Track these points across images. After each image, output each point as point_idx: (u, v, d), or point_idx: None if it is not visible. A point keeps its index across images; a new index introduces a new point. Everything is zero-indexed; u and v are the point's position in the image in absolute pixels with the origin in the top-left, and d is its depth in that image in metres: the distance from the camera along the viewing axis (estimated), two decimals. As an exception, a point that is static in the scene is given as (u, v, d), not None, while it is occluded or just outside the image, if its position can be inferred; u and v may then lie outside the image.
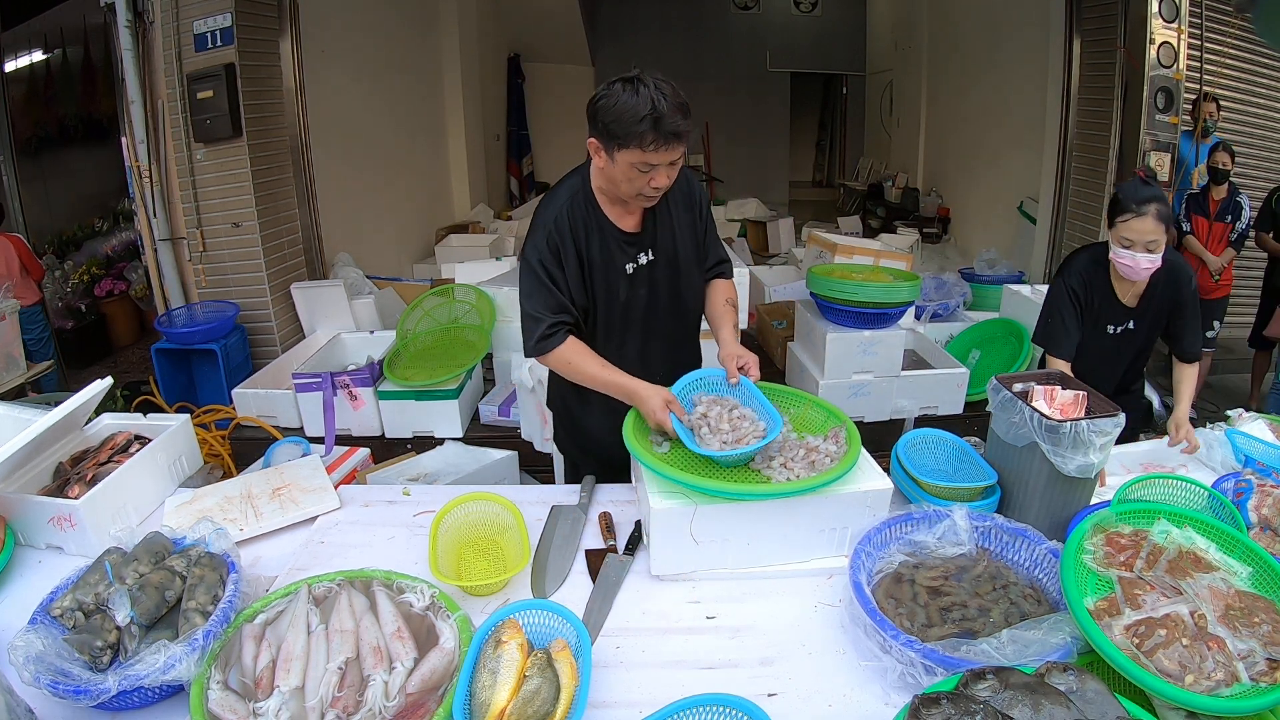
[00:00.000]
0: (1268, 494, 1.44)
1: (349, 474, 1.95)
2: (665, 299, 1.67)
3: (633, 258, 1.60)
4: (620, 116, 1.38)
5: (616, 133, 1.39)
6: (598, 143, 1.46)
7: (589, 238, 1.56)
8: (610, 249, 1.58)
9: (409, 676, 1.08)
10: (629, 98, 1.37)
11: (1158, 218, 1.77)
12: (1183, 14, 4.15)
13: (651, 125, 1.36)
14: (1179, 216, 4.20)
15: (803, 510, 1.35)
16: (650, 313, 1.66)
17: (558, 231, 1.54)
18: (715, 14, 9.56)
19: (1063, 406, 1.44)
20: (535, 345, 1.56)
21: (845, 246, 4.31)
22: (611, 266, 1.59)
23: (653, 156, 1.40)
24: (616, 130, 1.39)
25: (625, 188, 1.47)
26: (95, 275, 5.43)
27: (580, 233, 1.55)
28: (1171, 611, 1.04)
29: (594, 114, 1.43)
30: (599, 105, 1.42)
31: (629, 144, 1.39)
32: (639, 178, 1.44)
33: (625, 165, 1.43)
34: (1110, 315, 1.98)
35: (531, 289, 1.56)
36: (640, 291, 1.63)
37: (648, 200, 1.52)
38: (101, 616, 1.14)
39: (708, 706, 0.98)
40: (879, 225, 8.19)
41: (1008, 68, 6.04)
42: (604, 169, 1.49)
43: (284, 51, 4.20)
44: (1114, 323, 1.98)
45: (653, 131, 1.37)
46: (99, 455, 1.62)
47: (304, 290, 4.20)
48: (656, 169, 1.43)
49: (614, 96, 1.39)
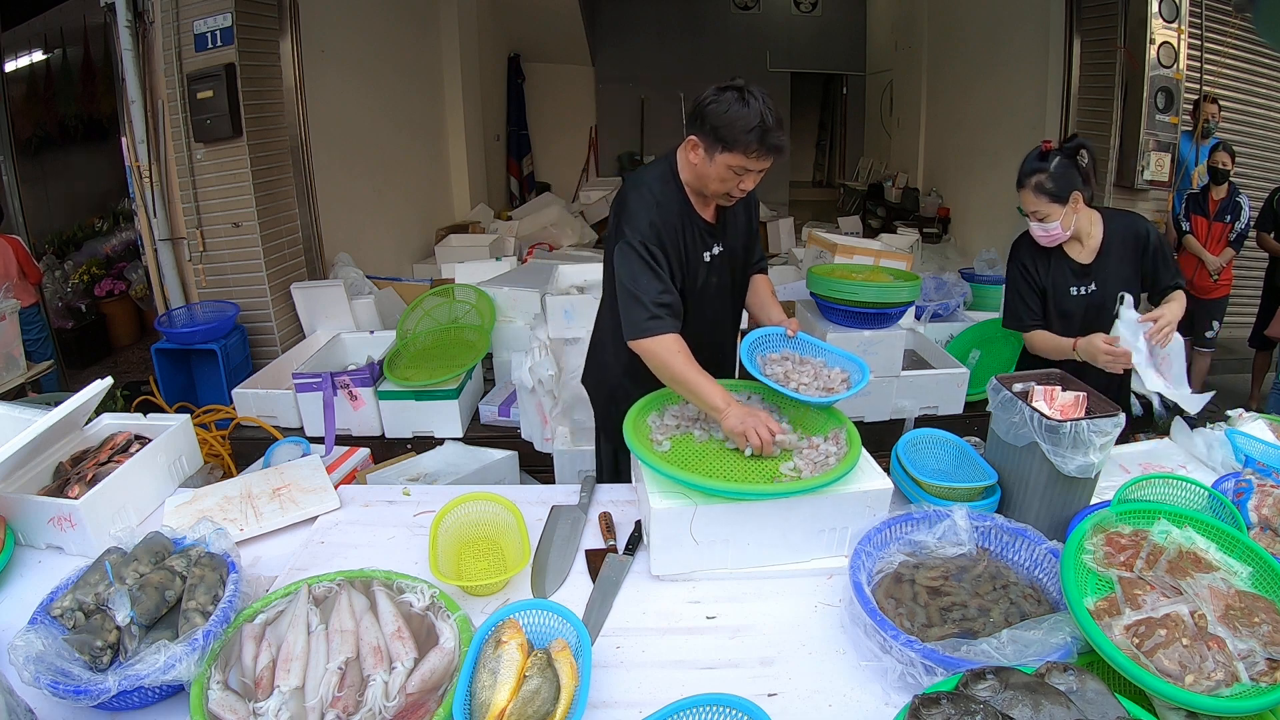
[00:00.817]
0: (1268, 494, 1.44)
1: (349, 474, 1.95)
2: (728, 289, 1.81)
3: (709, 247, 1.71)
4: (731, 123, 1.48)
5: (724, 136, 1.49)
6: (699, 140, 1.54)
7: (681, 224, 1.64)
8: (695, 237, 1.67)
9: (409, 676, 1.08)
10: (740, 107, 1.48)
11: (1035, 190, 1.90)
12: (1183, 14, 4.15)
13: (759, 137, 1.48)
14: (1179, 216, 4.21)
15: (803, 510, 1.35)
16: (717, 301, 1.78)
17: (660, 215, 1.61)
18: (715, 14, 9.55)
19: (1063, 407, 1.45)
20: (641, 327, 1.57)
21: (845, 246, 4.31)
22: (694, 254, 1.69)
23: (752, 164, 1.52)
24: (725, 134, 1.49)
25: (715, 186, 1.58)
26: (95, 275, 5.42)
27: (674, 219, 1.63)
28: (1171, 611, 1.04)
29: (701, 115, 1.53)
30: (708, 108, 1.51)
31: (734, 149, 1.50)
32: (731, 179, 1.55)
33: (723, 167, 1.53)
34: (1067, 278, 2.03)
35: (636, 271, 1.59)
36: (713, 280, 1.74)
37: (730, 200, 1.63)
38: (101, 616, 1.14)
39: (708, 706, 0.98)
40: (879, 225, 8.19)
41: (1008, 68, 6.03)
42: (697, 165, 1.58)
43: (284, 51, 4.20)
44: (1074, 284, 2.03)
45: (759, 143, 1.49)
46: (99, 455, 1.62)
47: (304, 290, 4.20)
48: (748, 175, 1.54)
49: (725, 103, 1.49)
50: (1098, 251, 2.01)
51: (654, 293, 1.57)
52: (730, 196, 1.60)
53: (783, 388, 1.53)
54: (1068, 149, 1.89)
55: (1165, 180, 4.30)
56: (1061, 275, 2.03)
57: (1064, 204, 1.90)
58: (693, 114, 1.55)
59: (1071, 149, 1.89)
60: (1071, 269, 2.02)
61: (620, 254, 1.62)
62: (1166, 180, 4.30)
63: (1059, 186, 1.88)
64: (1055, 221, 1.92)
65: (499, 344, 3.76)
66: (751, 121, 1.47)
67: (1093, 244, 2.02)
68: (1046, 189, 1.89)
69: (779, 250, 7.29)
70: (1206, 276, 4.07)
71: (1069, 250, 2.02)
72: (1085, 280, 2.02)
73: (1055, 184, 1.88)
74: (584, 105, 9.56)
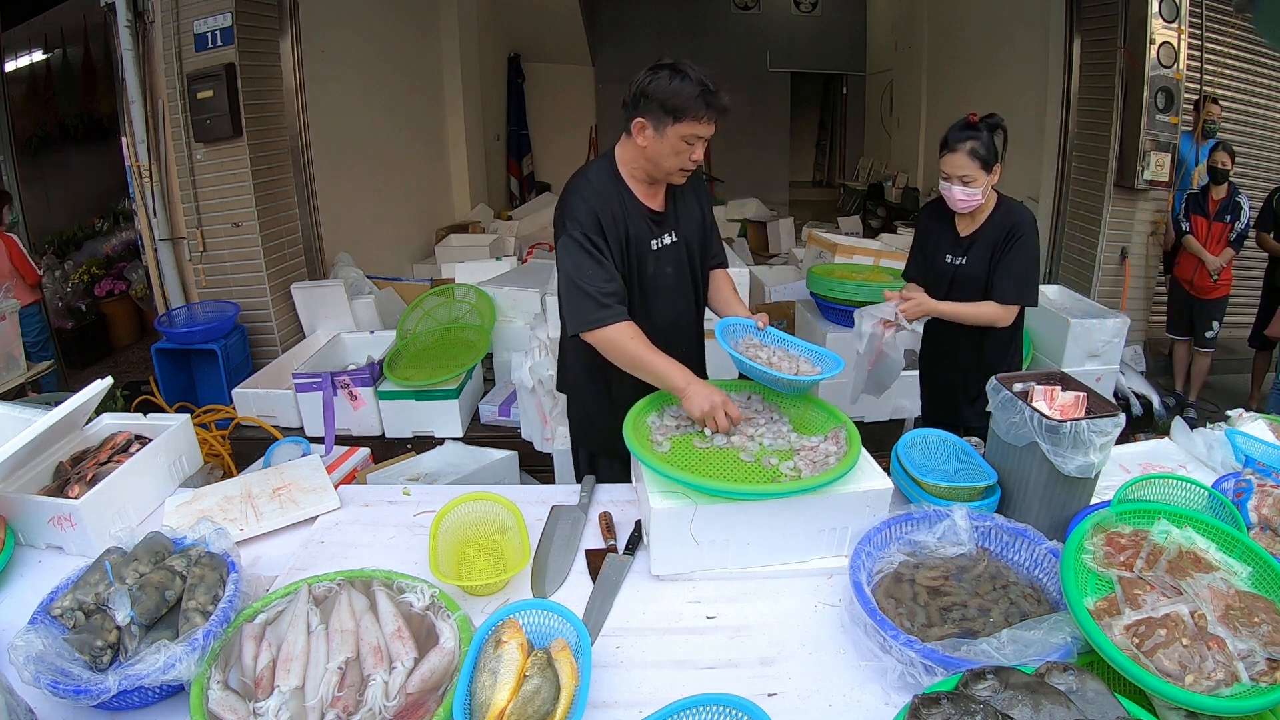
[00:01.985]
0: (1268, 494, 1.44)
1: (349, 474, 1.95)
2: (685, 284, 1.80)
3: (658, 236, 1.72)
4: (676, 93, 1.53)
5: (673, 107, 1.54)
6: (646, 121, 1.58)
7: (624, 213, 1.66)
8: (640, 226, 1.68)
9: (409, 676, 1.07)
10: (679, 80, 1.53)
11: (969, 154, 1.97)
12: (1183, 14, 4.15)
13: (706, 100, 1.54)
14: (1179, 216, 4.21)
15: (803, 510, 1.35)
16: (672, 292, 1.77)
17: (601, 207, 1.62)
18: (715, 14, 9.55)
19: (1063, 407, 1.45)
20: (589, 319, 1.58)
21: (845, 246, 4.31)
22: (641, 243, 1.69)
23: (701, 129, 1.57)
24: (673, 105, 1.54)
25: (669, 162, 1.61)
26: (95, 275, 5.42)
27: (616, 208, 1.64)
28: (1171, 611, 1.04)
29: (645, 94, 1.56)
30: (651, 86, 1.55)
31: (684, 117, 1.54)
32: (685, 150, 1.59)
33: (675, 139, 1.57)
34: (946, 245, 2.16)
35: (579, 264, 1.59)
36: (666, 269, 1.74)
37: (683, 175, 1.66)
38: (101, 616, 1.14)
39: (708, 706, 0.98)
40: (879, 225, 8.19)
41: (1008, 68, 6.04)
42: (647, 147, 1.60)
43: (284, 51, 4.20)
44: (950, 253, 2.15)
45: (706, 106, 1.54)
46: (99, 455, 1.61)
47: (304, 290, 4.20)
48: (698, 142, 1.59)
49: (664, 79, 1.54)
50: (977, 230, 2.10)
51: (599, 282, 1.58)
52: (684, 171, 1.64)
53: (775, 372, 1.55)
54: (989, 124, 1.99)
55: (1165, 180, 4.30)
56: (942, 241, 2.16)
57: (989, 173, 1.99)
58: (634, 98, 1.58)
59: (992, 125, 1.99)
60: (952, 238, 2.14)
61: (562, 247, 1.62)
62: (1166, 180, 4.30)
63: (989, 154, 1.98)
64: (979, 188, 2.00)
65: (499, 344, 3.76)
66: (695, 89, 1.52)
67: (978, 222, 2.11)
68: (980, 154, 1.97)
69: (779, 250, 7.28)
70: (1206, 276, 4.07)
71: (958, 221, 2.13)
72: (958, 252, 2.13)
73: (986, 151, 1.97)
74: (584, 105, 9.56)
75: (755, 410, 1.61)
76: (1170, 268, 4.41)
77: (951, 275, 2.15)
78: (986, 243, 2.08)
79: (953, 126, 2.02)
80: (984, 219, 2.09)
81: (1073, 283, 4.42)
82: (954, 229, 2.15)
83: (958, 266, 2.14)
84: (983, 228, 2.09)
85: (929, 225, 2.22)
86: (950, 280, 2.15)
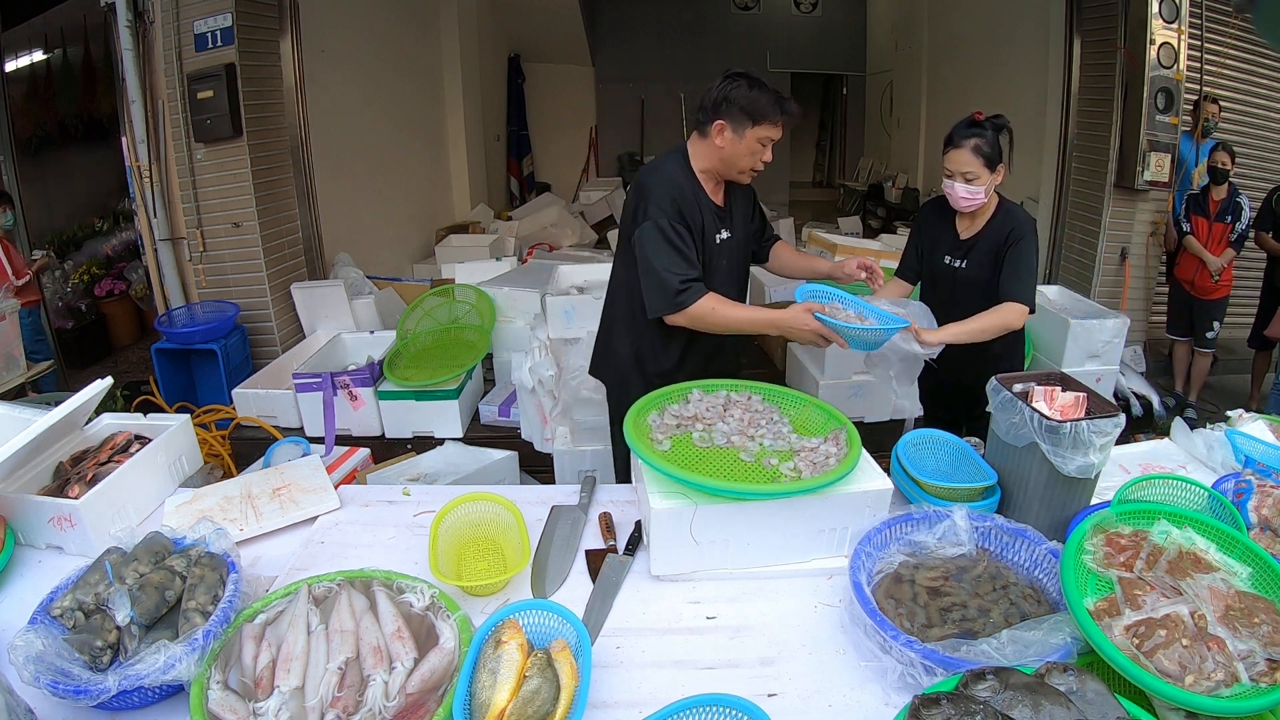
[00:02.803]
0: (1268, 494, 1.44)
1: (349, 474, 1.95)
2: (735, 272, 1.95)
3: (719, 230, 1.86)
4: (755, 100, 1.70)
5: (753, 112, 1.70)
6: (726, 123, 1.73)
7: (698, 205, 1.79)
8: (710, 219, 1.82)
9: (409, 676, 1.07)
10: (758, 89, 1.71)
11: (974, 152, 1.96)
12: (1183, 14, 4.15)
13: (781, 108, 1.73)
14: (1179, 216, 4.21)
15: (803, 510, 1.35)
16: (725, 282, 1.89)
17: (680, 195, 1.76)
18: (715, 14, 9.56)
19: (1063, 407, 1.45)
20: (674, 300, 1.72)
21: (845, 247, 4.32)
22: (710, 235, 1.84)
23: (775, 132, 1.75)
24: (753, 110, 1.70)
25: (744, 162, 1.77)
26: (95, 275, 5.42)
27: (692, 200, 1.78)
28: (1171, 612, 1.04)
29: (727, 99, 1.72)
30: (733, 94, 1.71)
31: (763, 121, 1.71)
32: (760, 152, 1.76)
33: (753, 141, 1.73)
34: (945, 246, 2.14)
35: (659, 248, 1.72)
36: (722, 262, 1.89)
37: (751, 175, 1.82)
38: (101, 616, 1.14)
39: (708, 706, 0.98)
40: (879, 225, 8.19)
41: (1008, 68, 6.04)
42: (724, 148, 1.75)
43: (284, 51, 4.20)
44: (949, 254, 2.13)
45: (783, 112, 1.73)
46: (99, 455, 1.61)
47: (304, 290, 4.20)
48: (770, 145, 1.76)
49: (743, 86, 1.71)
50: (978, 232, 2.08)
51: (682, 266, 1.72)
52: (754, 171, 1.80)
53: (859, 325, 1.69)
54: (996, 124, 1.97)
55: (1165, 180, 4.30)
56: (942, 242, 2.14)
57: (992, 171, 1.97)
58: (715, 102, 1.73)
59: (999, 125, 1.97)
60: (951, 239, 2.12)
61: (644, 233, 1.73)
62: (1166, 180, 4.30)
63: (994, 153, 1.96)
64: (981, 186, 1.98)
65: (499, 344, 3.76)
66: (771, 97, 1.71)
67: (979, 224, 2.08)
68: (984, 152, 1.96)
69: (779, 250, 7.28)
70: (1207, 277, 4.07)
71: (959, 222, 2.11)
72: (958, 254, 2.11)
73: (990, 149, 1.96)
74: (584, 105, 9.56)
75: (756, 410, 1.61)
76: (1171, 268, 4.41)
77: (951, 278, 2.12)
78: (988, 246, 2.05)
79: (958, 123, 2.01)
80: (985, 221, 2.07)
81: (1073, 283, 4.42)
82: (954, 230, 2.12)
83: (956, 269, 2.11)
84: (984, 230, 2.07)
85: (928, 224, 2.20)
86: (951, 283, 2.12)
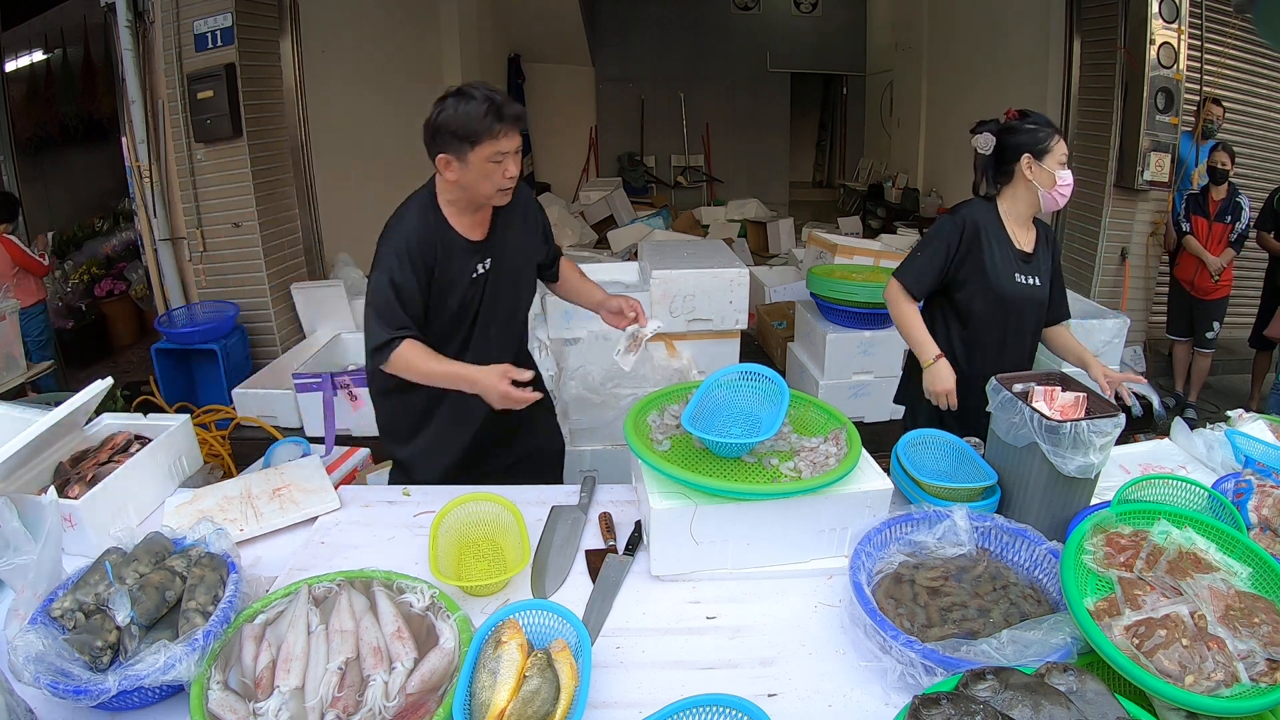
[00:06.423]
0: (1268, 494, 1.44)
1: (349, 474, 1.95)
2: (507, 303, 1.80)
3: (473, 267, 1.71)
4: (465, 119, 1.52)
5: (466, 133, 1.52)
6: (448, 155, 1.57)
7: (439, 247, 1.65)
8: (456, 257, 1.68)
9: (409, 677, 1.07)
10: (464, 104, 1.52)
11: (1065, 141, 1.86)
12: (1183, 14, 4.15)
13: (496, 116, 1.52)
14: (1179, 216, 4.21)
15: (803, 510, 1.35)
16: (485, 316, 1.77)
17: (407, 245, 1.62)
18: (715, 14, 9.56)
19: (1063, 407, 1.45)
20: (374, 355, 1.62)
21: (845, 247, 4.32)
22: (456, 274, 1.69)
23: (503, 144, 1.55)
24: (466, 131, 1.52)
25: (485, 186, 1.59)
26: (95, 275, 5.41)
27: (430, 243, 1.64)
28: (1171, 612, 1.04)
29: (438, 129, 1.56)
30: (441, 120, 1.55)
31: (480, 139, 1.53)
32: (495, 170, 1.57)
33: (480, 162, 1.55)
34: (1012, 264, 1.91)
35: (378, 302, 1.62)
36: (484, 295, 1.75)
37: (505, 196, 1.64)
38: (101, 616, 1.14)
39: (708, 706, 0.98)
40: (879, 226, 8.19)
41: (1007, 68, 6.04)
42: (458, 180, 1.60)
43: (284, 51, 4.21)
44: (1019, 272, 1.91)
45: (498, 121, 1.52)
46: (99, 455, 1.61)
47: (304, 290, 4.20)
48: (506, 157, 1.57)
49: (450, 108, 1.54)
50: (1035, 242, 1.95)
51: (390, 323, 1.60)
52: (503, 192, 1.62)
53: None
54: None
55: (1165, 181, 4.30)
56: (1007, 259, 1.89)
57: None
58: (430, 138, 1.58)
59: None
60: (1010, 253, 1.91)
61: (371, 284, 1.65)
62: (1166, 180, 4.31)
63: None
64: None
65: (499, 344, 3.75)
66: (481, 107, 1.51)
67: (1031, 234, 1.95)
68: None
69: (779, 250, 7.29)
70: (1207, 277, 4.07)
71: (1017, 233, 1.92)
72: (1029, 270, 1.92)
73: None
74: (584, 105, 9.56)
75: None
76: (1171, 268, 4.41)
77: (1026, 297, 1.89)
78: (1044, 255, 1.93)
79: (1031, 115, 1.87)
80: (1035, 230, 1.92)
81: (1073, 283, 4.42)
82: (1012, 242, 1.89)
83: (1031, 286, 1.88)
84: (1038, 240, 1.93)
85: (974, 240, 1.87)
86: (1022, 306, 1.90)
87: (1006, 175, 1.90)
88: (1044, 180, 1.84)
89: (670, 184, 9.72)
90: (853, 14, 9.95)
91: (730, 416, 1.55)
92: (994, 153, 1.91)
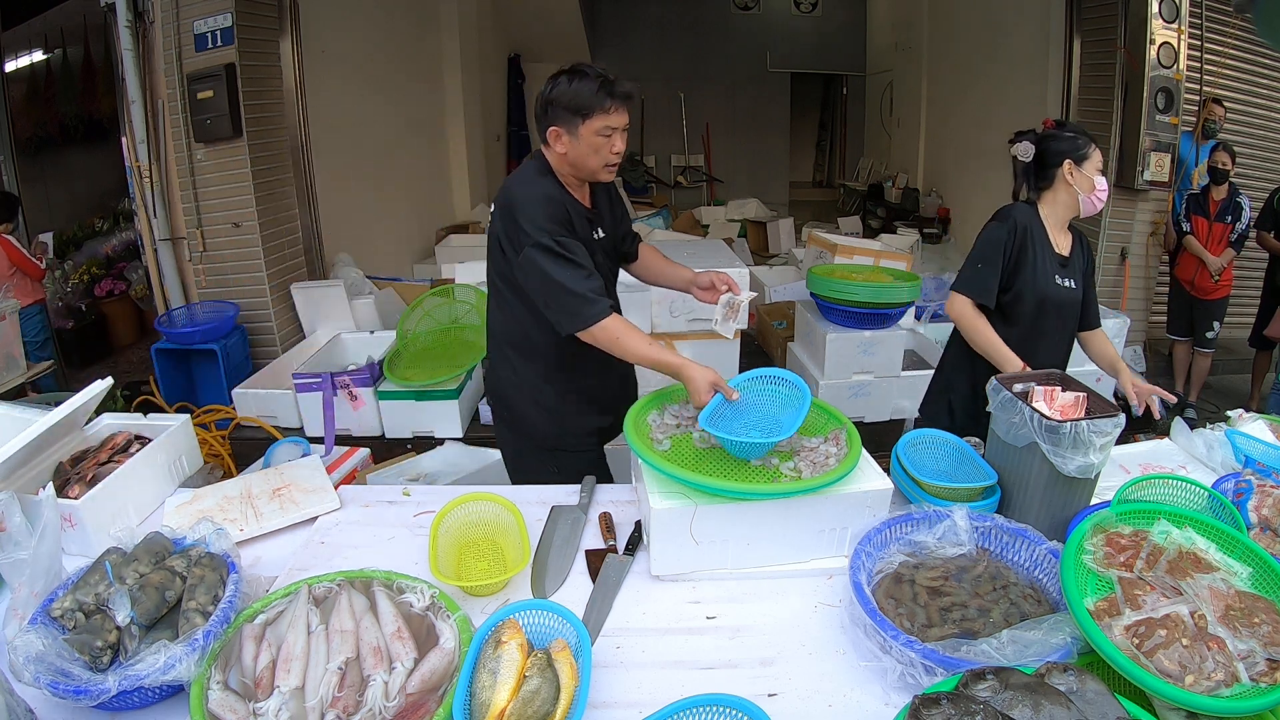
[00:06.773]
0: (1268, 494, 1.44)
1: (349, 474, 1.95)
2: (610, 275, 1.84)
3: (593, 231, 1.76)
4: (578, 93, 1.57)
5: (579, 106, 1.57)
6: (560, 128, 1.61)
7: (569, 209, 1.68)
8: (582, 222, 1.72)
9: (409, 677, 1.07)
10: (577, 81, 1.57)
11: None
12: (1183, 14, 4.15)
13: (608, 92, 1.57)
14: (1179, 216, 4.21)
15: (803, 510, 1.35)
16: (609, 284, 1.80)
17: (554, 207, 1.63)
18: (715, 14, 9.57)
19: (1063, 407, 1.45)
20: (583, 315, 1.59)
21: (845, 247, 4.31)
22: (586, 238, 1.72)
23: (613, 119, 1.59)
24: (578, 105, 1.57)
25: (594, 160, 1.63)
26: (95, 275, 5.41)
27: (565, 206, 1.67)
28: (1171, 612, 1.04)
29: (550, 103, 1.61)
30: (554, 94, 1.60)
31: (592, 113, 1.57)
32: (604, 145, 1.61)
33: (591, 135, 1.60)
34: (1051, 265, 1.94)
35: (554, 266, 1.59)
36: (602, 262, 1.78)
37: (612, 168, 1.67)
38: (101, 617, 1.14)
39: (708, 706, 0.98)
40: (879, 225, 8.20)
41: (1007, 68, 6.04)
42: (567, 153, 1.64)
43: (284, 51, 4.21)
44: (1060, 275, 1.95)
45: (610, 96, 1.57)
46: (99, 455, 1.61)
47: (304, 290, 4.20)
48: (615, 133, 1.61)
49: (563, 84, 1.58)
50: (1071, 247, 1.99)
51: (580, 279, 1.60)
52: (609, 167, 1.66)
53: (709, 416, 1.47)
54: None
55: (1165, 180, 4.30)
56: (1047, 263, 1.93)
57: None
58: (540, 112, 1.63)
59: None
60: (1049, 255, 1.94)
61: (529, 259, 1.60)
62: (1166, 180, 4.31)
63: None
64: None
65: (499, 344, 3.75)
66: (594, 84, 1.56)
67: (1068, 239, 1.99)
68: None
69: (779, 250, 7.29)
70: (1207, 277, 4.07)
71: (1056, 236, 1.96)
72: (1066, 273, 1.96)
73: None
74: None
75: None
76: (1171, 268, 4.41)
77: (1067, 301, 1.94)
78: (1079, 259, 1.97)
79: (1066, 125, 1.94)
80: (1070, 235, 1.96)
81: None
82: (1051, 245, 1.94)
83: (1070, 290, 1.93)
84: (1073, 245, 1.97)
85: (1024, 242, 1.91)
86: (1060, 309, 1.94)
87: (1047, 180, 1.95)
88: (1084, 185, 1.90)
89: (670, 184, 9.72)
90: (853, 14, 9.96)
91: (751, 419, 1.55)
92: (1034, 159, 1.96)
